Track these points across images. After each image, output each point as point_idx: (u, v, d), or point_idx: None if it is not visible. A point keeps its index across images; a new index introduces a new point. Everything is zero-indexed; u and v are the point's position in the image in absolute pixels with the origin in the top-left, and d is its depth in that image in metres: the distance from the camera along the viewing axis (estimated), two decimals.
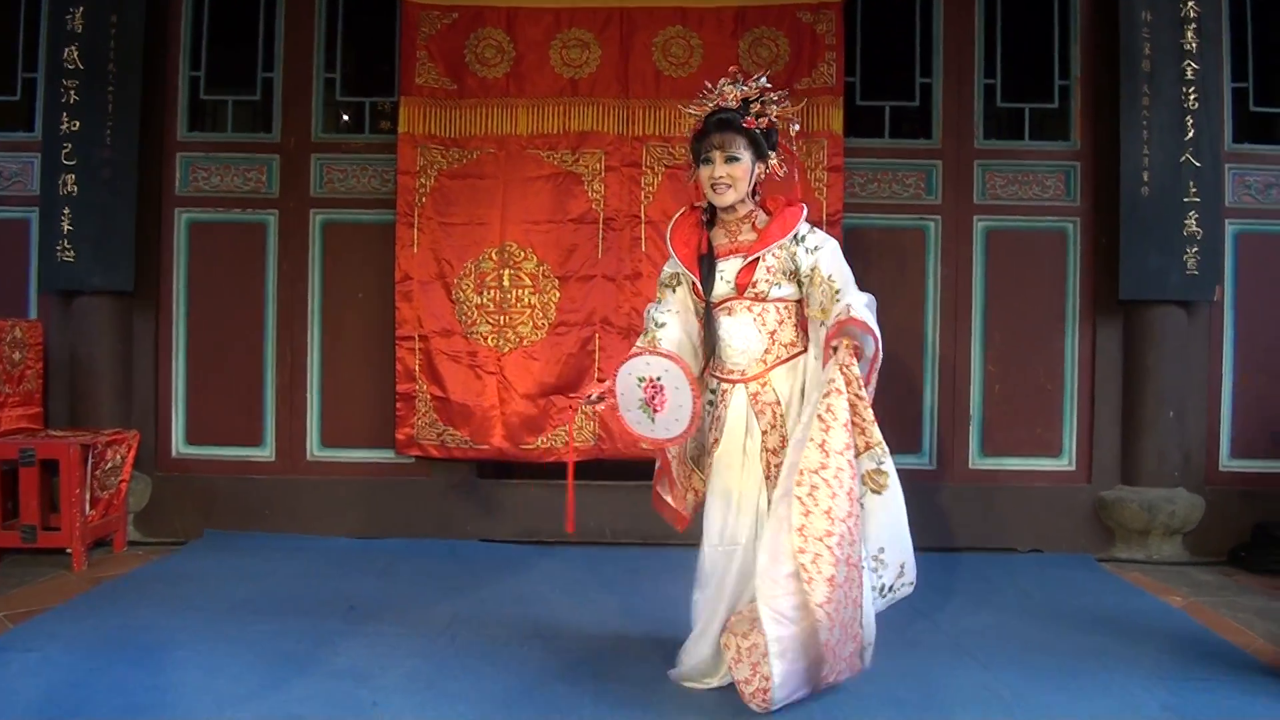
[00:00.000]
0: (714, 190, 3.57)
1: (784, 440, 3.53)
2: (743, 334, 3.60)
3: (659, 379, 3.50)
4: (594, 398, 3.71)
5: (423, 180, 5.98)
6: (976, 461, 6.24)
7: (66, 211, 5.84)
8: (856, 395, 3.30)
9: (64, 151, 5.84)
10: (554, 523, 6.09)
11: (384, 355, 6.10)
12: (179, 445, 6.24)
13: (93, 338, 6.04)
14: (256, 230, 6.22)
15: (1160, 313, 6.01)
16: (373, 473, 6.22)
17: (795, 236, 3.55)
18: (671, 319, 3.76)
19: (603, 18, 6.02)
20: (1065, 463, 6.25)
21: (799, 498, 3.20)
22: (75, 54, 5.82)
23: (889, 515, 3.43)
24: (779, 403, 3.58)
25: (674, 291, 3.79)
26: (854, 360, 3.30)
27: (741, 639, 3.52)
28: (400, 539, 6.04)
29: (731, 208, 3.63)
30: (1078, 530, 6.16)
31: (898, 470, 3.47)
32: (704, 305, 3.69)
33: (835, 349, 3.30)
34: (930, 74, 6.24)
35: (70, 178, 5.84)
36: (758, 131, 3.57)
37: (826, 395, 3.24)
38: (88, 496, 5.46)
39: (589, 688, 3.75)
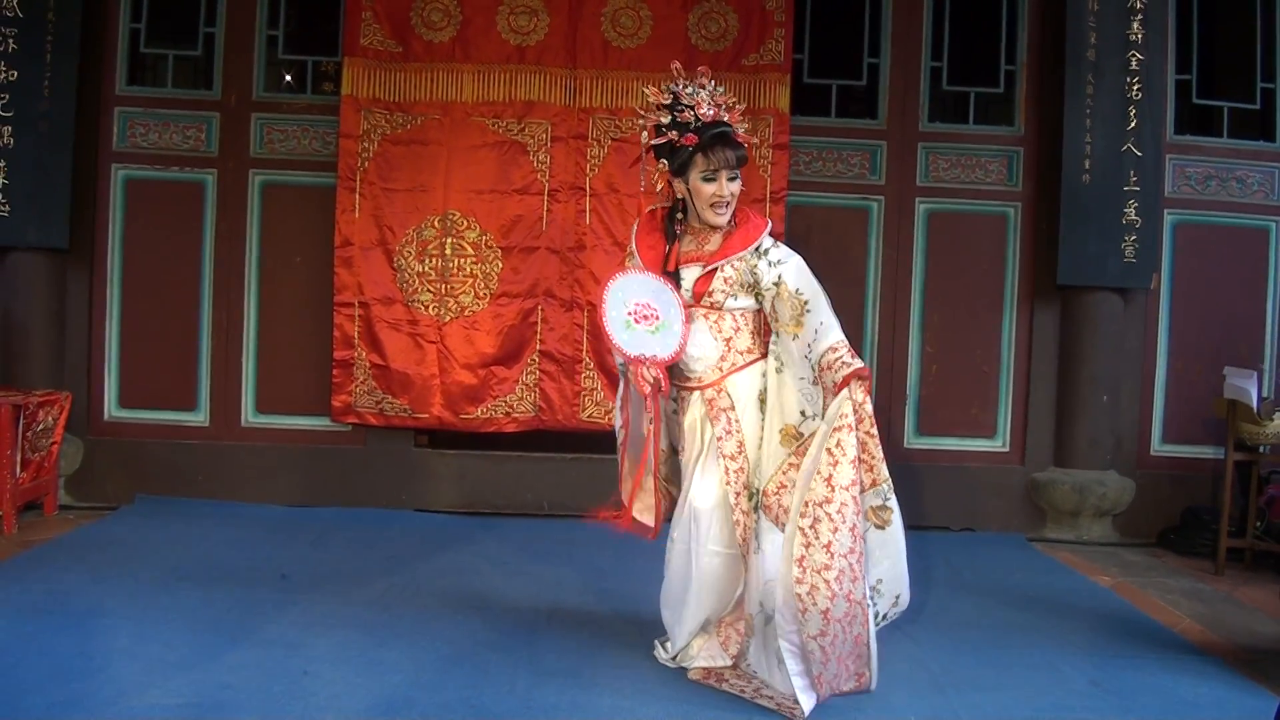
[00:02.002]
0: (713, 209, 3.50)
1: (741, 445, 3.51)
2: (699, 341, 3.54)
3: (649, 301, 3.49)
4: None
5: (365, 144, 5.90)
6: (912, 441, 6.30)
7: (2, 164, 5.71)
8: (868, 433, 3.30)
9: (1, 102, 5.70)
10: (490, 494, 6.12)
11: (322, 321, 6.02)
12: (111, 408, 6.14)
13: (26, 295, 5.92)
14: (194, 189, 6.11)
15: (1097, 299, 6.09)
16: (308, 440, 6.16)
17: (757, 249, 3.51)
18: None
19: None
20: (999, 444, 6.32)
21: (801, 529, 3.21)
22: (14, 0, 5.67)
23: (890, 549, 3.43)
24: (733, 407, 3.53)
25: None
26: (868, 397, 3.30)
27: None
28: (335, 508, 6.00)
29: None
30: (1010, 510, 6.25)
31: None
32: None
33: (849, 384, 3.24)
34: (878, 54, 6.25)
35: (7, 130, 5.71)
36: (744, 149, 3.53)
37: (837, 430, 3.21)
38: (18, 458, 5.37)
39: (522, 657, 3.76)
